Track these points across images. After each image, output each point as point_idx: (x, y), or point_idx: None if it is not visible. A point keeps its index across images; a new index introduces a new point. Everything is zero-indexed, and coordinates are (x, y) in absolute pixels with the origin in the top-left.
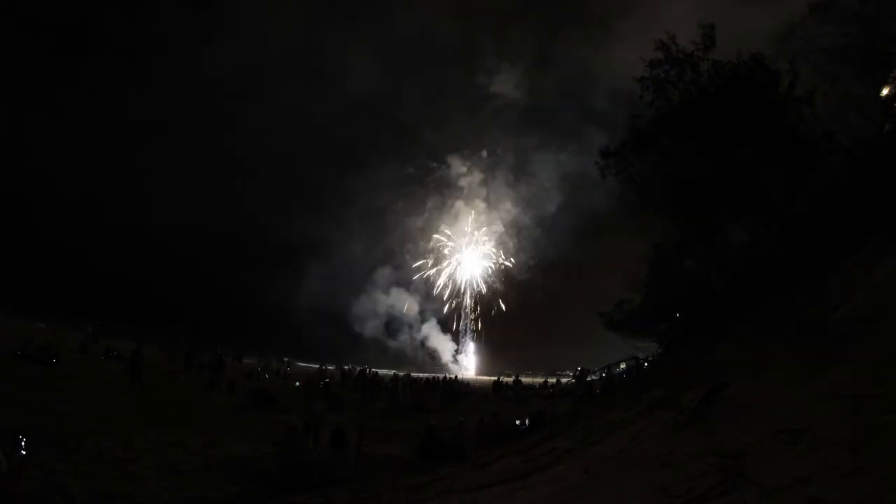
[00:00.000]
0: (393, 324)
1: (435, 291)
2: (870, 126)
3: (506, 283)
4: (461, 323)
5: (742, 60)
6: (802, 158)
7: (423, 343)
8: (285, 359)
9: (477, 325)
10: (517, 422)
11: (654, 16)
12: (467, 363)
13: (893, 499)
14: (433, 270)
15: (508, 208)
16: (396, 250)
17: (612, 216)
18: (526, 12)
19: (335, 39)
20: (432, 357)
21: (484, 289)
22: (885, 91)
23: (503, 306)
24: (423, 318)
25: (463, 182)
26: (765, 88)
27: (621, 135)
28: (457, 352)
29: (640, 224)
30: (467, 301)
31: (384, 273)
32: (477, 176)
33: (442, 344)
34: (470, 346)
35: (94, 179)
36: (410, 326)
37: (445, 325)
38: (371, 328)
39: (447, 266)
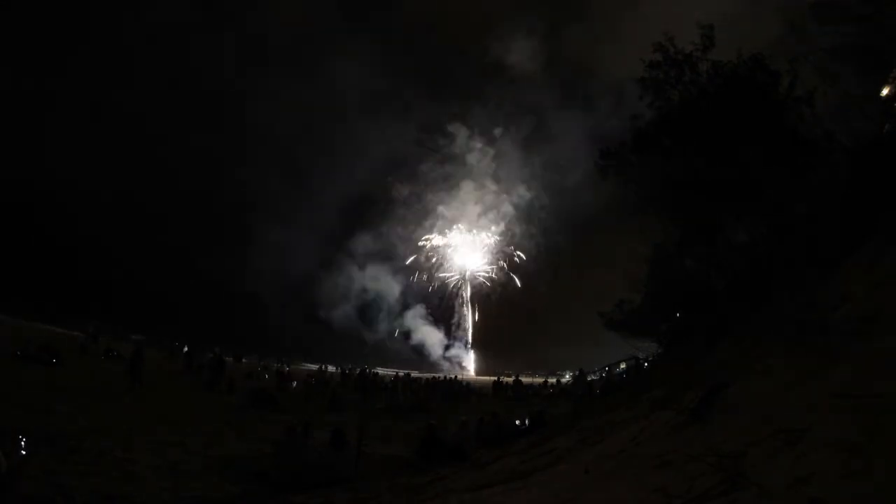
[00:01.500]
0: (369, 310)
1: (426, 273)
2: (870, 126)
3: (509, 273)
4: (455, 314)
5: (742, 60)
6: (802, 158)
7: (407, 335)
8: (284, 359)
9: (475, 317)
10: (517, 422)
11: None
12: (463, 359)
13: (893, 499)
14: (426, 244)
15: (521, 192)
16: (385, 232)
17: (613, 215)
18: None
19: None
20: (419, 353)
21: (485, 277)
22: (885, 91)
23: (505, 298)
24: (405, 303)
25: (471, 159)
26: (765, 88)
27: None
28: (448, 347)
29: (640, 224)
30: (466, 290)
31: (363, 242)
32: (488, 153)
33: (430, 337)
34: (468, 340)
35: (88, 176)
36: (391, 314)
37: (435, 317)
38: (342, 315)
39: (445, 247)
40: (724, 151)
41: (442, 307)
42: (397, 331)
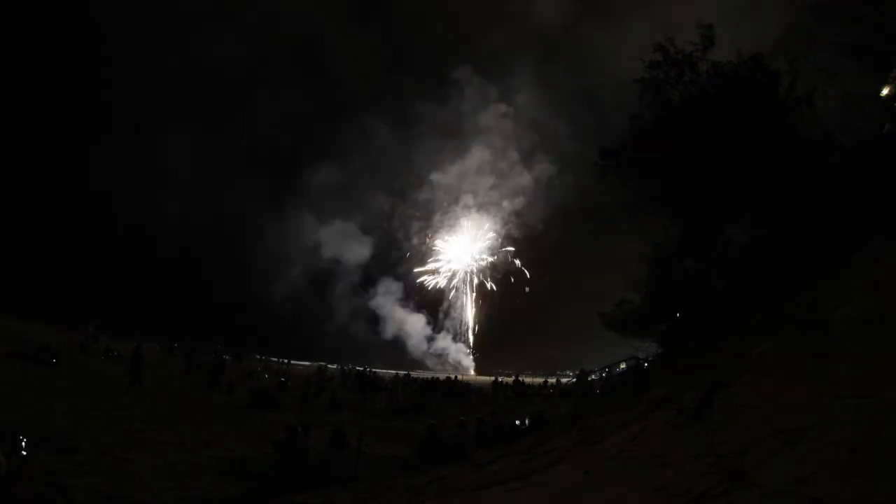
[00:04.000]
0: (326, 280)
1: (407, 239)
2: (870, 126)
3: (515, 259)
4: (446, 300)
5: (742, 60)
6: (802, 158)
7: (374, 320)
8: (285, 360)
9: (475, 309)
10: (517, 422)
11: None
12: (451, 353)
13: (893, 499)
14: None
15: (544, 167)
16: (354, 171)
17: (614, 215)
18: None
19: None
20: (396, 345)
21: (489, 261)
22: (885, 91)
23: (509, 287)
24: (368, 275)
25: (485, 118)
26: (765, 88)
27: None
28: (432, 339)
29: (640, 224)
30: (464, 275)
31: (322, 174)
32: (508, 114)
33: (410, 325)
34: (460, 332)
35: (90, 177)
36: (352, 288)
37: (415, 298)
38: (285, 288)
39: (442, 218)
40: (725, 151)
41: (425, 287)
42: (360, 309)
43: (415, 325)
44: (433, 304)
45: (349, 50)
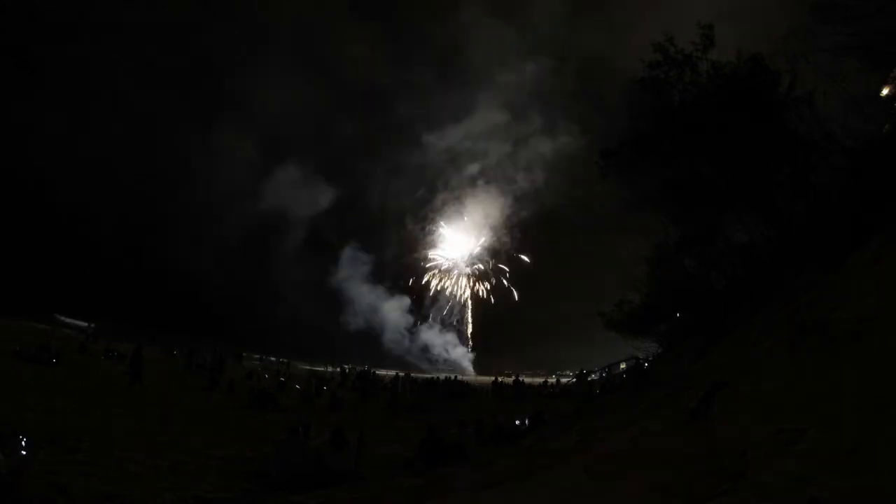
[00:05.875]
0: (269, 241)
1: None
2: (870, 126)
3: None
4: (434, 284)
5: (742, 61)
6: (802, 158)
7: (336, 298)
8: (283, 360)
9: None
10: (517, 422)
11: None
12: (436, 347)
13: (893, 499)
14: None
15: (566, 140)
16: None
17: (614, 215)
18: None
19: None
20: (368, 339)
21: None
22: (885, 91)
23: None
24: (315, 232)
25: (501, 77)
26: (765, 89)
27: None
28: (413, 330)
29: (640, 224)
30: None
31: (271, 76)
32: (522, 71)
33: (386, 310)
34: (454, 323)
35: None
36: (298, 248)
37: (388, 277)
38: (211, 246)
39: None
40: (725, 152)
41: (408, 266)
42: (307, 287)
43: (392, 311)
44: (414, 287)
45: None
